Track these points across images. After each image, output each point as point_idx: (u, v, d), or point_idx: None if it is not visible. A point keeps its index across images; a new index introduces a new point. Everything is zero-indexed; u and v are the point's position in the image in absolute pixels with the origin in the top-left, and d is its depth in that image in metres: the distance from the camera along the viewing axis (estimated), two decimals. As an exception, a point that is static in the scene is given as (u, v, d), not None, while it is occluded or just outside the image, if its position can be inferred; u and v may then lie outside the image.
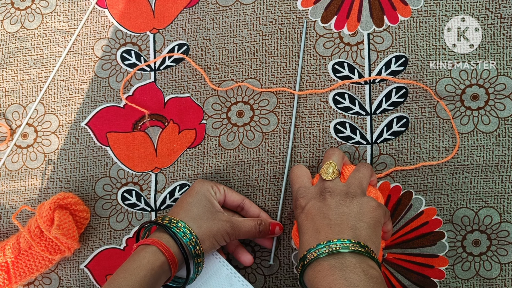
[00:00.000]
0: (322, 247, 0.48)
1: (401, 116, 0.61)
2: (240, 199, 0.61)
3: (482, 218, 0.60)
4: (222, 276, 0.57)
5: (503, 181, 0.60)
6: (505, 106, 0.60)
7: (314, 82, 0.62)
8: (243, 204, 0.61)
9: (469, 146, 0.60)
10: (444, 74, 0.61)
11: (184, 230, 0.53)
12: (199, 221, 0.55)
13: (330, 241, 0.48)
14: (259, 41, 0.63)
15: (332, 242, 0.48)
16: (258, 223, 0.58)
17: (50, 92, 0.66)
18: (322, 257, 0.48)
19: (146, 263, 0.51)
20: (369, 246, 0.49)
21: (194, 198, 0.57)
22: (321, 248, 0.48)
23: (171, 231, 0.53)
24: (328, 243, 0.48)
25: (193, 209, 0.56)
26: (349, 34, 0.62)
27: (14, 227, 0.65)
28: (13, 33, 0.67)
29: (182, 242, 0.53)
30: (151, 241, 0.53)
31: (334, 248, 0.48)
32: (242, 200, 0.61)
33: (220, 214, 0.57)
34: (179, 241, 0.53)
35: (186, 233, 0.53)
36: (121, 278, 0.50)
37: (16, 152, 0.66)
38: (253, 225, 0.58)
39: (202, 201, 0.56)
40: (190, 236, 0.53)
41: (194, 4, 0.65)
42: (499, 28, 0.60)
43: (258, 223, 0.58)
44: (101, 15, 0.66)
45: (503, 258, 0.60)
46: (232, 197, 0.60)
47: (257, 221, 0.58)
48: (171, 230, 0.53)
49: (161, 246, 0.52)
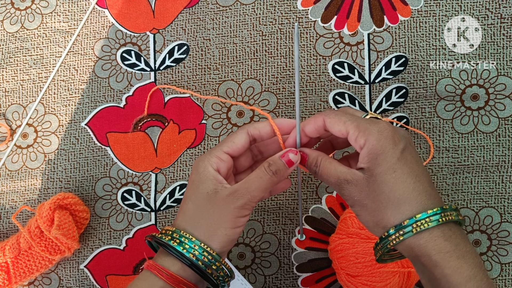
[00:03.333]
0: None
1: (401, 116, 0.61)
2: (244, 141, 0.47)
3: (483, 218, 0.60)
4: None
5: (504, 181, 0.60)
6: (505, 106, 0.60)
7: (314, 82, 0.62)
8: (252, 141, 0.48)
9: (469, 146, 0.60)
10: (444, 74, 0.61)
11: (190, 245, 0.44)
12: (205, 223, 0.44)
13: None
14: (259, 41, 0.63)
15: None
16: (265, 166, 0.45)
17: (50, 92, 0.66)
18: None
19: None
20: None
21: (192, 192, 0.46)
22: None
23: (176, 253, 0.44)
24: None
25: (194, 209, 0.45)
26: (349, 34, 0.62)
27: (14, 227, 0.65)
28: (13, 33, 0.67)
29: (193, 263, 0.43)
30: (148, 265, 0.45)
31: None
32: (247, 140, 0.47)
33: (223, 195, 0.44)
34: (190, 263, 0.43)
35: (194, 249, 0.43)
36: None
37: (16, 152, 0.66)
38: (261, 174, 0.45)
39: (200, 192, 0.45)
40: (200, 250, 0.43)
41: (194, 4, 0.65)
42: (499, 28, 0.60)
43: (266, 167, 0.45)
44: (101, 15, 0.66)
45: (504, 258, 0.60)
46: (238, 149, 0.47)
47: (263, 166, 0.45)
48: (175, 251, 0.44)
49: (157, 270, 0.44)
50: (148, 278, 0.44)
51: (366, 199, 0.42)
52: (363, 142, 0.41)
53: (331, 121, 0.44)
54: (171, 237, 0.44)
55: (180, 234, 0.44)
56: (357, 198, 0.42)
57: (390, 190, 0.40)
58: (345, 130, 0.43)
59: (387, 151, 0.41)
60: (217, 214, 0.44)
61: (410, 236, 0.40)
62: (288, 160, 0.45)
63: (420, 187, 0.41)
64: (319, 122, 0.45)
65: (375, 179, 0.41)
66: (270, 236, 0.62)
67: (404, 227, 0.40)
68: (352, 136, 0.42)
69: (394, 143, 0.41)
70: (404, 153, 0.41)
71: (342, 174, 0.43)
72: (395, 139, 0.41)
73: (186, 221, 0.45)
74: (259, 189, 0.44)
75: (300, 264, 0.62)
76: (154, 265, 0.44)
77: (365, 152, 0.41)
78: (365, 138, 0.41)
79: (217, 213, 0.44)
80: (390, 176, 0.40)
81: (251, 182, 0.44)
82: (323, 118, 0.45)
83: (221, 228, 0.44)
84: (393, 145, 0.41)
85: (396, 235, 0.40)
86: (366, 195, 0.42)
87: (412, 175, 0.41)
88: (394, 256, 0.45)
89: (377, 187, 0.41)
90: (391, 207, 0.41)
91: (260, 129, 0.47)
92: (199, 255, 0.43)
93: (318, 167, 0.45)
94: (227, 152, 0.46)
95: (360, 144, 0.42)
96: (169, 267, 0.44)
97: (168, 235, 0.44)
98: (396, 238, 0.40)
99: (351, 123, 0.42)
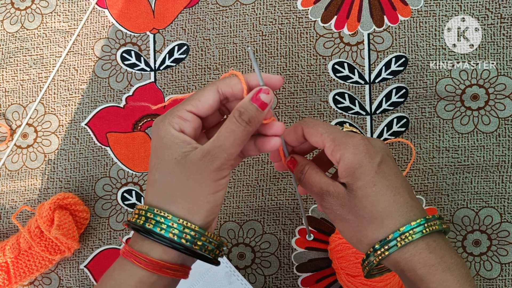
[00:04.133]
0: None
1: (401, 116, 0.61)
2: (213, 100, 0.41)
3: (483, 218, 0.60)
4: (220, 273, 0.56)
5: (504, 181, 0.60)
6: (505, 106, 0.60)
7: (314, 82, 0.62)
8: (223, 100, 0.42)
9: (469, 146, 0.60)
10: (444, 74, 0.61)
11: (168, 224, 0.38)
12: (180, 194, 0.39)
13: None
14: (259, 41, 0.63)
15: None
16: (236, 117, 0.39)
17: (50, 92, 0.66)
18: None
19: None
20: None
21: (157, 161, 0.40)
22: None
23: (155, 237, 0.39)
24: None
25: (164, 180, 0.39)
26: (349, 34, 0.62)
27: (14, 227, 0.65)
28: (13, 33, 0.67)
29: (175, 244, 0.38)
30: (124, 251, 0.40)
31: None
32: (216, 99, 0.41)
33: (194, 159, 0.38)
34: (171, 244, 0.39)
35: (173, 228, 0.38)
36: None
37: (16, 152, 0.66)
38: (233, 127, 0.39)
39: (166, 160, 0.39)
40: (180, 228, 0.38)
41: (194, 4, 0.65)
42: (499, 28, 0.60)
43: (237, 117, 0.39)
44: (101, 15, 0.66)
45: (504, 258, 0.60)
46: (204, 109, 0.41)
47: (234, 116, 0.39)
48: (153, 235, 0.39)
49: (134, 257, 0.39)
50: (124, 267, 0.39)
51: (348, 214, 0.41)
52: (338, 156, 0.41)
53: (309, 132, 0.43)
54: (145, 218, 0.39)
55: (155, 213, 0.38)
56: (339, 213, 0.41)
57: (371, 204, 0.39)
58: (321, 142, 0.42)
59: (364, 165, 0.40)
60: (192, 181, 0.38)
61: (395, 250, 0.39)
62: (260, 103, 0.40)
63: (400, 199, 0.40)
64: (298, 132, 0.44)
65: (355, 193, 0.40)
66: (270, 236, 0.62)
67: (389, 242, 0.39)
68: (328, 150, 0.42)
69: (371, 157, 0.40)
70: (381, 166, 0.40)
71: (325, 185, 0.42)
72: (370, 153, 0.40)
73: (158, 196, 0.39)
74: (234, 145, 0.39)
75: (300, 264, 0.62)
76: (130, 251, 0.39)
77: (342, 167, 0.40)
78: (340, 153, 0.40)
79: (192, 180, 0.38)
80: (371, 190, 0.40)
81: (224, 138, 0.39)
82: (302, 127, 0.43)
83: (201, 197, 0.38)
84: (369, 159, 0.40)
85: (381, 250, 0.39)
86: (348, 210, 0.40)
87: (392, 188, 0.40)
88: (383, 269, 0.44)
89: (359, 201, 0.40)
90: (374, 221, 0.40)
91: (233, 87, 0.41)
92: (179, 233, 0.38)
93: (303, 174, 0.43)
94: (191, 111, 0.40)
95: (336, 159, 0.41)
96: (148, 252, 0.39)
97: (142, 216, 0.39)
98: (381, 253, 0.39)
99: (328, 135, 0.41)
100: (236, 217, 0.63)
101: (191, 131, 0.40)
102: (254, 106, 0.40)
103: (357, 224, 0.40)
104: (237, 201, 0.63)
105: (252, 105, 0.40)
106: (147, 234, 0.39)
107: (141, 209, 0.39)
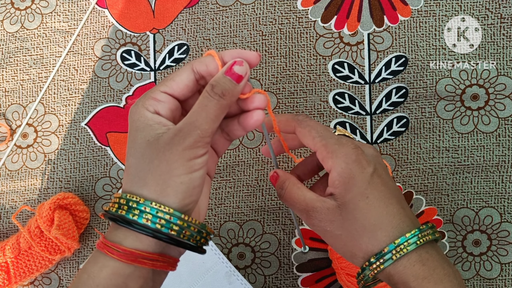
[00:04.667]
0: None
1: (401, 116, 0.61)
2: (188, 79, 0.39)
3: (483, 218, 0.60)
4: (220, 273, 0.56)
5: (504, 181, 0.60)
6: (505, 106, 0.60)
7: (314, 82, 0.62)
8: (200, 79, 0.39)
9: (469, 146, 0.60)
10: (444, 74, 0.61)
11: (141, 209, 0.36)
12: (152, 177, 0.36)
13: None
14: (259, 41, 0.63)
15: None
16: (208, 90, 0.37)
17: (50, 92, 0.66)
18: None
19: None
20: None
21: (130, 145, 0.38)
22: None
23: (128, 224, 0.36)
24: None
25: (137, 164, 0.37)
26: (349, 34, 0.62)
27: (14, 227, 0.65)
28: (13, 33, 0.67)
29: (148, 229, 0.36)
30: (98, 243, 0.38)
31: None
32: (191, 78, 0.39)
33: (167, 139, 0.36)
34: (147, 231, 0.36)
35: (145, 212, 0.36)
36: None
37: (16, 152, 0.66)
38: (205, 101, 0.37)
39: (139, 142, 0.37)
40: (153, 212, 0.35)
41: (194, 4, 0.65)
42: (499, 28, 0.60)
43: (209, 91, 0.37)
44: (101, 15, 0.66)
45: (504, 258, 0.60)
46: (180, 88, 0.39)
47: (206, 90, 0.37)
48: (127, 222, 0.36)
49: (106, 248, 0.36)
50: (97, 259, 0.37)
51: (339, 229, 0.39)
52: (330, 164, 0.40)
53: (301, 132, 0.42)
54: (118, 205, 0.36)
55: (127, 199, 0.36)
56: (329, 229, 0.40)
57: (364, 217, 0.38)
58: (313, 146, 0.41)
59: (356, 176, 0.39)
60: (164, 162, 0.36)
61: (390, 263, 0.38)
62: (235, 76, 0.37)
63: (393, 210, 0.39)
64: (289, 125, 0.43)
65: (347, 206, 0.39)
66: (270, 236, 0.62)
67: (384, 255, 0.38)
68: (319, 155, 0.40)
69: (363, 167, 0.39)
70: (374, 177, 0.39)
71: (311, 201, 0.40)
72: (362, 163, 0.39)
73: (131, 180, 0.37)
74: (207, 120, 0.36)
75: (300, 264, 0.62)
76: (103, 242, 0.36)
77: (334, 176, 0.39)
78: (332, 161, 0.39)
79: (164, 161, 0.36)
80: (363, 202, 0.38)
81: (197, 114, 0.36)
82: (294, 125, 0.42)
83: (173, 178, 0.36)
84: (361, 169, 0.39)
85: (376, 263, 0.38)
86: (339, 225, 0.39)
87: (384, 199, 0.39)
88: (377, 280, 0.43)
89: (350, 214, 0.39)
90: (367, 234, 0.39)
91: (208, 64, 0.38)
92: (153, 218, 0.35)
93: (284, 190, 0.42)
94: (166, 92, 0.38)
95: (327, 166, 0.40)
96: (121, 242, 0.36)
97: (116, 204, 0.37)
98: (376, 267, 0.38)
99: (320, 140, 0.40)
100: (236, 217, 0.63)
101: (167, 113, 0.38)
102: (228, 78, 0.37)
103: (349, 239, 0.39)
104: (237, 201, 0.63)
105: (225, 77, 0.37)
106: (121, 222, 0.36)
107: (116, 197, 0.37)
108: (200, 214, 0.40)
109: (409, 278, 0.38)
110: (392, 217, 0.39)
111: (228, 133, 0.42)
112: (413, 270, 0.38)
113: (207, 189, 0.42)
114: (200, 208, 0.40)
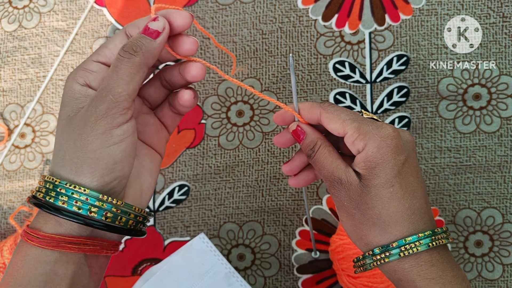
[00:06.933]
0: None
1: (402, 115, 0.61)
2: (122, 42, 0.36)
3: (485, 219, 0.59)
4: (220, 274, 0.56)
5: (506, 181, 0.59)
6: (507, 106, 0.59)
7: (315, 81, 0.62)
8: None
9: (471, 146, 0.60)
10: (446, 74, 0.60)
11: (56, 190, 0.33)
12: (68, 155, 0.33)
13: None
14: (259, 40, 0.63)
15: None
16: (119, 51, 0.34)
17: (48, 92, 0.65)
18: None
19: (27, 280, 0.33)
20: None
21: (57, 123, 0.35)
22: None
23: (61, 214, 0.33)
24: None
25: (57, 142, 0.35)
26: (350, 33, 0.62)
27: (11, 227, 0.65)
28: (10, 32, 0.66)
29: (65, 212, 0.33)
30: (21, 232, 0.35)
31: None
32: (125, 40, 0.36)
33: (82, 112, 0.34)
34: (66, 215, 0.33)
35: (61, 194, 0.33)
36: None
37: (14, 152, 0.65)
38: (116, 62, 0.34)
39: (61, 119, 0.35)
40: (68, 193, 0.33)
41: (194, 3, 0.64)
42: (501, 27, 0.60)
43: (119, 51, 0.34)
44: (99, 14, 0.65)
45: (506, 259, 0.59)
46: (114, 50, 0.36)
47: (118, 52, 0.34)
48: (59, 212, 0.33)
49: (26, 235, 0.34)
50: (20, 249, 0.34)
51: (355, 208, 0.38)
52: (361, 146, 0.37)
53: (328, 117, 0.38)
54: (38, 188, 0.34)
55: (45, 181, 0.34)
56: (346, 204, 0.38)
57: (382, 206, 0.36)
58: (342, 130, 0.37)
59: (387, 162, 0.36)
60: (79, 137, 0.33)
61: (396, 259, 0.37)
62: (152, 33, 0.34)
63: (416, 205, 0.37)
64: (314, 112, 0.39)
65: (369, 190, 0.37)
66: (270, 237, 0.62)
67: (392, 249, 0.36)
68: (350, 138, 0.37)
69: (396, 154, 0.36)
70: (405, 166, 0.37)
71: (338, 171, 0.38)
72: (397, 149, 0.36)
73: (53, 161, 0.34)
74: (120, 83, 0.33)
75: (301, 265, 0.61)
76: (24, 230, 0.34)
77: (362, 157, 0.37)
78: (364, 143, 0.37)
79: (79, 135, 0.33)
80: (387, 191, 0.36)
81: (108, 78, 0.33)
82: (320, 111, 0.39)
83: (88, 153, 0.33)
84: (394, 156, 0.36)
85: (381, 255, 0.37)
86: (356, 205, 0.37)
87: (410, 191, 0.37)
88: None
89: (370, 200, 0.37)
90: (379, 225, 0.37)
91: (140, 26, 0.36)
92: (69, 199, 0.32)
93: (314, 153, 0.39)
94: (99, 61, 0.36)
95: (358, 148, 0.37)
96: (41, 227, 0.33)
97: (38, 186, 0.34)
98: (380, 259, 0.37)
99: (351, 122, 0.37)
100: (235, 218, 0.62)
101: (100, 83, 0.35)
102: (141, 35, 0.34)
103: (361, 222, 0.38)
104: (236, 201, 0.62)
105: (138, 36, 0.35)
106: (40, 206, 0.33)
107: (39, 180, 0.35)
108: (143, 195, 0.37)
109: (416, 277, 0.37)
110: (411, 213, 0.37)
111: (169, 84, 0.39)
112: (420, 269, 0.37)
113: (153, 167, 0.38)
114: (142, 188, 0.37)
